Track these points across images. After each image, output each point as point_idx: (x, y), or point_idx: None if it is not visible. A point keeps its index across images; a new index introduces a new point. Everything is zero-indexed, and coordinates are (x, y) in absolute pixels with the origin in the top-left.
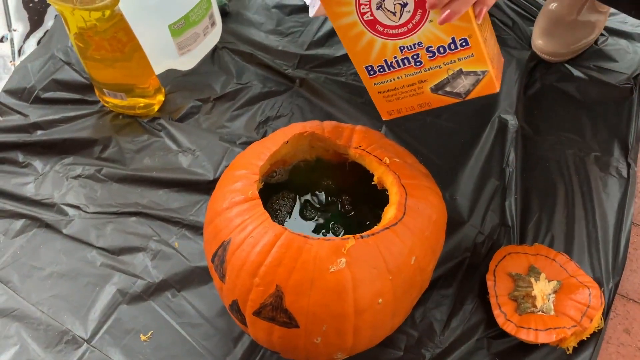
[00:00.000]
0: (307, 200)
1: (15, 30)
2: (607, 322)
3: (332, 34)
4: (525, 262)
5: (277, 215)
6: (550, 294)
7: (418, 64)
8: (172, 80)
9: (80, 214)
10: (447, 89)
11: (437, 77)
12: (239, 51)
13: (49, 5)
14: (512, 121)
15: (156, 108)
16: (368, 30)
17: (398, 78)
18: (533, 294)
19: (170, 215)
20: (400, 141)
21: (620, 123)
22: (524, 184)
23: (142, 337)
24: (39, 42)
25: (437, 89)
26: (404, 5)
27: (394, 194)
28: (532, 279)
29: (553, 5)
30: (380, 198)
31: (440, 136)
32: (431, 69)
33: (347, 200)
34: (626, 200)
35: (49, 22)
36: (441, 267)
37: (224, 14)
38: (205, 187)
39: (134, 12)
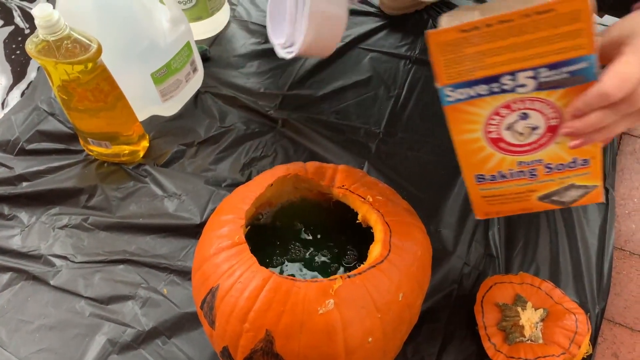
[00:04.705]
0: (293, 241)
1: None
2: (595, 348)
3: (312, 73)
4: (512, 291)
5: (268, 259)
6: (537, 322)
7: (533, 177)
8: (156, 126)
9: (68, 264)
10: (554, 198)
11: (548, 188)
12: (221, 95)
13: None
14: None
15: (141, 154)
16: (490, 146)
17: (508, 187)
18: (521, 324)
19: (158, 262)
20: (382, 177)
21: None
22: None
23: None
24: (22, 94)
25: (544, 197)
26: (535, 129)
27: (379, 232)
28: (519, 308)
29: None
30: (365, 235)
31: (422, 170)
32: (544, 181)
33: (333, 238)
34: (607, 225)
35: (32, 74)
36: (430, 300)
37: (205, 59)
38: (193, 232)
39: (116, 62)
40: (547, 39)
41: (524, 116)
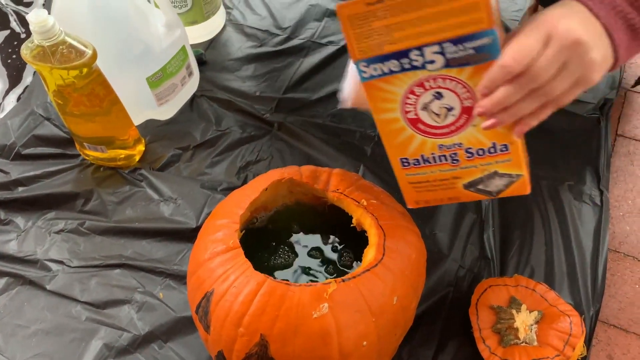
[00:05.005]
0: (289, 245)
1: None
2: (590, 349)
3: (307, 77)
4: (506, 294)
5: (264, 263)
6: (532, 325)
7: (455, 162)
8: (152, 130)
9: (64, 269)
10: (480, 187)
11: (472, 175)
12: (217, 98)
13: None
14: None
15: (137, 158)
16: (409, 127)
17: (432, 172)
18: (515, 326)
19: (154, 266)
20: (378, 180)
21: (590, 152)
22: (501, 216)
23: None
24: (18, 99)
25: (469, 185)
26: (450, 109)
27: (373, 236)
28: (514, 311)
29: None
30: (360, 239)
31: None
32: (467, 167)
33: (328, 242)
34: (601, 227)
35: (27, 79)
36: (425, 303)
37: (201, 63)
38: (188, 235)
39: (111, 67)
40: (447, 13)
41: (439, 96)
